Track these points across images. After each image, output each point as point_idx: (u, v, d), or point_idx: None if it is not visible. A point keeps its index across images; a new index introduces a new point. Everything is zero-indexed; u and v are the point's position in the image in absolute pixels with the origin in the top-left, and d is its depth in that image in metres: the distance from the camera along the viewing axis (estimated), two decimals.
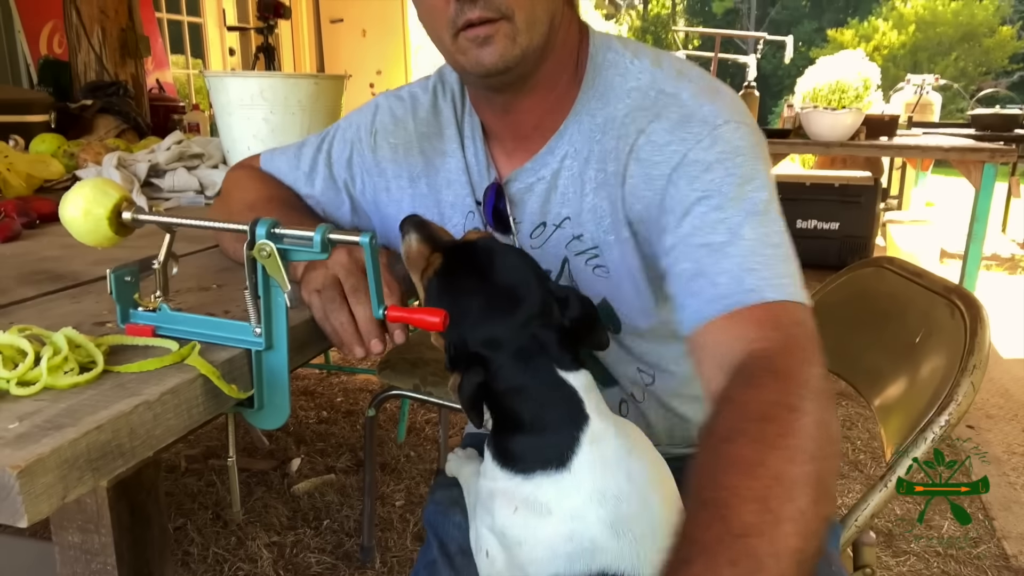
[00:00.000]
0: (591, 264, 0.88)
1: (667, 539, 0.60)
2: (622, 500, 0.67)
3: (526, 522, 0.68)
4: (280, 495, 2.21)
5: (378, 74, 6.72)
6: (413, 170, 0.97)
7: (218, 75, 1.62)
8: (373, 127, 0.99)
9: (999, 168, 2.99)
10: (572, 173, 0.87)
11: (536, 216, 0.90)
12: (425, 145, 0.96)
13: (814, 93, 10.19)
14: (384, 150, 0.98)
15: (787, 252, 0.74)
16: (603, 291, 0.89)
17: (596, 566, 0.66)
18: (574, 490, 0.67)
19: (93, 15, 2.90)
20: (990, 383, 3.14)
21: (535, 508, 0.68)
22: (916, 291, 1.14)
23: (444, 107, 0.97)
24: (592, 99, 0.86)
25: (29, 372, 0.58)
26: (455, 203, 0.95)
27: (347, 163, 1.01)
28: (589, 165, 0.85)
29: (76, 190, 0.71)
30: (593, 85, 0.86)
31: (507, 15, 0.76)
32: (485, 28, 0.76)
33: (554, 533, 0.67)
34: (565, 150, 0.87)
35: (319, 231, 0.66)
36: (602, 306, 0.89)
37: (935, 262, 4.76)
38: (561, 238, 0.89)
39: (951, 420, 0.91)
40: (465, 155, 0.94)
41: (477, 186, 0.94)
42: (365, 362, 3.27)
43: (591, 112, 0.86)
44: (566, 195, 0.87)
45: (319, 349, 0.82)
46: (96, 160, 1.73)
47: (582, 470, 0.67)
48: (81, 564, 0.70)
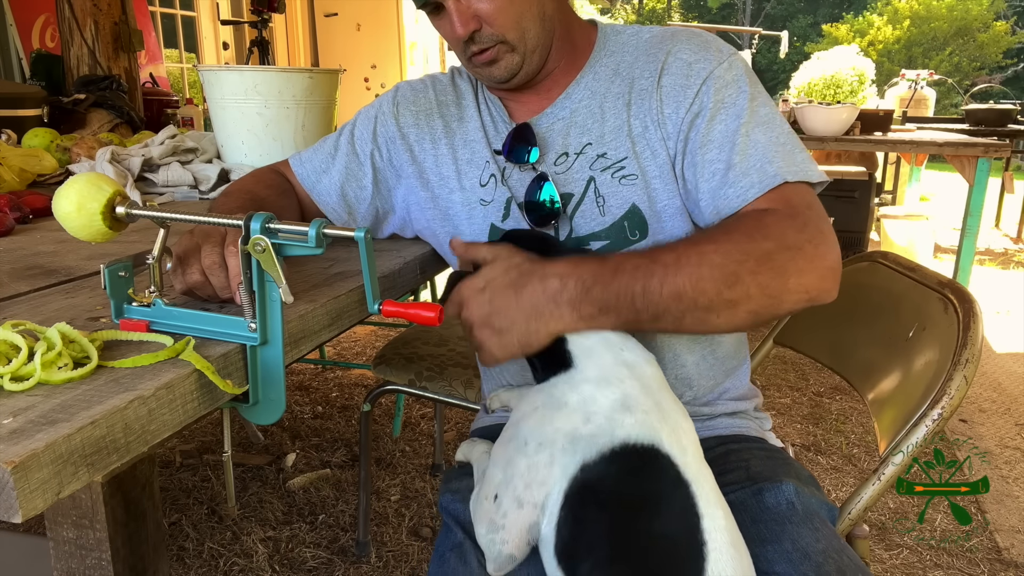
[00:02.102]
0: (618, 176, 0.99)
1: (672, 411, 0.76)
2: (624, 381, 0.76)
3: (544, 417, 0.75)
4: (275, 490, 2.21)
5: (373, 68, 6.70)
6: (435, 132, 1.09)
7: (212, 69, 1.62)
8: (395, 100, 1.12)
9: (993, 163, 3.00)
10: (589, 109, 1.01)
11: (559, 147, 1.02)
12: (445, 111, 1.10)
13: (809, 88, 10.21)
14: (406, 116, 1.10)
15: (795, 145, 0.93)
16: (632, 197, 0.98)
17: (617, 440, 0.71)
18: (583, 380, 0.77)
19: (86, 8, 2.88)
20: (983, 377, 3.15)
21: (551, 404, 0.76)
22: (910, 286, 1.14)
23: (461, 83, 1.12)
24: (604, 56, 1.03)
25: (23, 368, 0.58)
26: (471, 159, 1.06)
27: (372, 135, 1.11)
28: (606, 99, 1.01)
29: (69, 185, 0.70)
30: (604, 46, 1.04)
31: (500, 39, 0.95)
32: (487, 54, 0.96)
33: (570, 418, 0.73)
34: (581, 93, 1.02)
35: (314, 226, 0.65)
36: (631, 212, 0.98)
37: (929, 257, 4.77)
38: (584, 162, 1.00)
39: (944, 414, 0.91)
40: (482, 118, 1.07)
41: (494, 140, 1.06)
42: (361, 357, 3.27)
43: (604, 64, 1.03)
44: (585, 126, 1.01)
45: (314, 344, 0.81)
46: (89, 155, 1.72)
47: (585, 362, 0.78)
48: (76, 559, 0.70)
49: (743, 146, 0.91)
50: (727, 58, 0.97)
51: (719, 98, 0.94)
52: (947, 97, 13.13)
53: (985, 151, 2.95)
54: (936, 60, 17.55)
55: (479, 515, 0.78)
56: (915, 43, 18.56)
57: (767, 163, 0.90)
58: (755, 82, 0.97)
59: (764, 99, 0.96)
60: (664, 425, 0.73)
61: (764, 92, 0.98)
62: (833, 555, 0.81)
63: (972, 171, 2.96)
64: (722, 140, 0.93)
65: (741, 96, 0.95)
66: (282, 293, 0.66)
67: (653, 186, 0.98)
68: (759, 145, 0.91)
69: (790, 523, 0.86)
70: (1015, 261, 5.43)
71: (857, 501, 0.97)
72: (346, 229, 0.67)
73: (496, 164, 1.04)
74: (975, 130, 4.79)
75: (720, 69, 0.96)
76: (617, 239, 0.99)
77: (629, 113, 0.99)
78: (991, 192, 3.41)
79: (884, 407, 1.08)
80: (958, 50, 18.35)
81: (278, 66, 4.99)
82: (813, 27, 21.83)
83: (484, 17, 0.93)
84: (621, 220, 0.98)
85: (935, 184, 8.29)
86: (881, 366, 1.14)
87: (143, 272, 0.71)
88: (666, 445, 0.72)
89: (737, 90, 0.95)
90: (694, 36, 1.00)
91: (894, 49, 18.49)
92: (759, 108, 0.94)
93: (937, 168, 8.85)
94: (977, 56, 18.38)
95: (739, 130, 0.92)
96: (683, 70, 0.97)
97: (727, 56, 0.98)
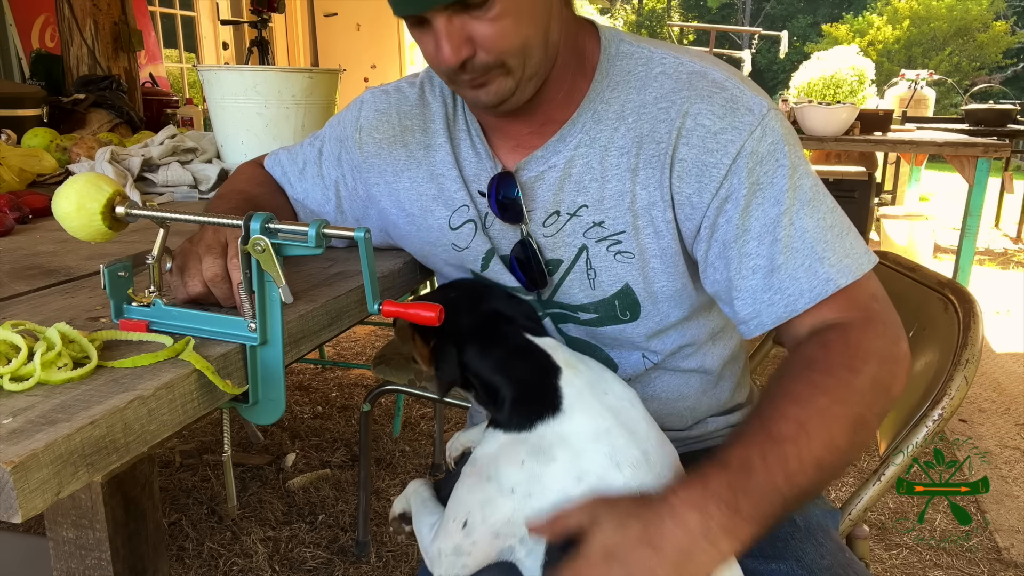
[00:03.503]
0: (613, 250, 0.87)
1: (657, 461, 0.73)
2: (611, 431, 0.73)
3: (533, 471, 0.72)
4: (275, 490, 2.21)
5: (373, 68, 6.70)
6: (397, 164, 0.96)
7: (212, 69, 1.62)
8: (358, 123, 0.99)
9: (992, 163, 3.00)
10: (587, 161, 0.86)
11: (549, 205, 0.88)
12: (408, 138, 0.95)
13: (808, 88, 10.20)
14: (369, 146, 0.98)
15: (843, 225, 0.82)
16: (625, 276, 0.88)
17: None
18: (572, 432, 0.73)
19: (85, 8, 2.88)
20: (983, 377, 3.15)
21: (541, 456, 0.72)
22: (910, 286, 1.14)
23: (432, 101, 0.95)
24: (606, 89, 0.85)
25: (22, 368, 0.58)
26: (438, 196, 0.93)
27: (337, 161, 1.02)
28: (608, 152, 0.85)
29: (69, 185, 0.70)
30: (607, 75, 0.86)
31: (498, 65, 0.77)
32: (477, 80, 0.78)
33: (563, 477, 0.71)
34: (578, 138, 0.86)
35: (314, 226, 0.65)
36: (624, 291, 0.88)
37: (929, 257, 4.77)
38: (578, 226, 0.87)
39: (944, 414, 0.91)
40: (455, 150, 0.93)
41: (472, 180, 0.92)
42: (361, 357, 3.27)
43: (606, 100, 0.85)
44: (582, 183, 0.86)
45: (314, 344, 0.81)
46: (89, 154, 1.72)
47: (574, 411, 0.74)
48: (76, 560, 0.70)
49: (786, 240, 0.79)
50: (759, 122, 0.80)
51: (754, 179, 0.79)
52: (947, 97, 13.13)
53: (985, 151, 2.95)
54: (936, 60, 17.54)
55: (443, 535, 0.78)
56: (915, 43, 18.56)
57: (817, 262, 0.78)
58: (794, 146, 0.82)
59: (805, 168, 0.82)
60: (651, 475, 0.73)
61: (803, 156, 0.83)
62: (839, 571, 0.81)
63: (972, 171, 2.96)
64: (761, 232, 0.80)
65: (780, 173, 0.80)
66: (282, 293, 0.66)
67: (651, 266, 0.87)
68: (806, 236, 0.79)
69: (793, 539, 0.85)
70: (1015, 261, 5.43)
71: (857, 501, 0.97)
72: (346, 229, 0.67)
73: (476, 209, 0.91)
74: (975, 130, 4.79)
75: (752, 141, 0.79)
76: (606, 315, 0.91)
77: (635, 181, 0.84)
78: (991, 192, 3.41)
79: None
80: (958, 50, 18.35)
81: (278, 66, 4.99)
82: (813, 27, 21.83)
83: (480, 42, 0.75)
84: (612, 298, 0.89)
85: (935, 184, 8.29)
86: None
87: (143, 272, 0.71)
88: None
89: (775, 165, 0.80)
90: (716, 91, 0.81)
91: (894, 49, 18.49)
92: (801, 182, 0.80)
93: (937, 168, 8.85)
94: (977, 56, 18.37)
95: (780, 219, 0.79)
96: (706, 142, 0.80)
97: (759, 119, 0.80)
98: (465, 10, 0.73)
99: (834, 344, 0.76)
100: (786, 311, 0.80)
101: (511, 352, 0.81)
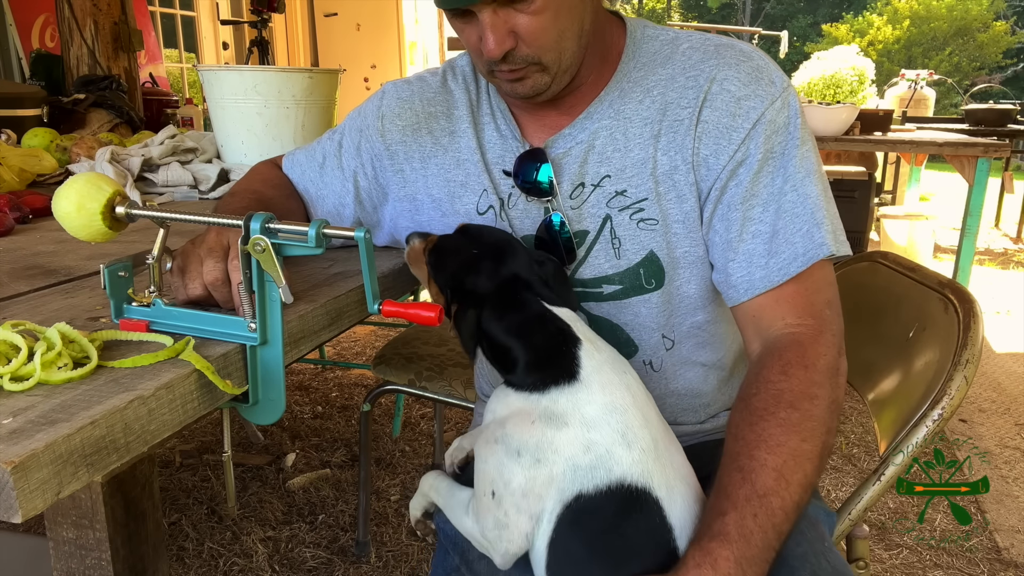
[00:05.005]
0: (636, 218, 0.90)
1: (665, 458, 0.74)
2: (628, 410, 0.74)
3: (543, 434, 0.72)
4: (275, 490, 2.21)
5: (372, 68, 6.70)
6: (424, 150, 0.98)
7: (212, 69, 1.62)
8: (380, 112, 1.01)
9: (992, 163, 3.00)
10: (611, 133, 0.90)
11: (575, 177, 0.91)
12: (433, 125, 0.98)
13: (808, 88, 10.20)
14: (393, 134, 1.00)
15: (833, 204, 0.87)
16: (650, 244, 0.90)
17: (614, 477, 0.70)
18: (587, 401, 0.73)
19: (85, 8, 2.88)
20: (983, 377, 3.15)
21: (552, 420, 0.73)
22: (910, 286, 1.14)
23: (455, 88, 0.99)
24: (633, 69, 0.91)
25: (22, 368, 0.58)
26: (466, 182, 0.96)
27: (356, 151, 1.03)
28: (632, 123, 0.89)
29: (69, 185, 0.70)
30: (634, 56, 0.91)
31: (535, 62, 0.82)
32: (516, 72, 0.83)
33: (572, 444, 0.71)
34: (604, 114, 0.90)
35: (313, 226, 0.65)
36: (649, 259, 0.90)
37: (929, 257, 4.77)
38: (601, 197, 0.90)
39: (944, 414, 0.91)
40: (479, 135, 0.96)
41: (496, 162, 0.95)
42: (361, 357, 3.27)
43: (632, 79, 0.90)
44: (604, 154, 0.90)
45: (314, 344, 0.81)
46: (89, 154, 1.72)
47: (592, 382, 0.74)
48: (76, 559, 0.70)
49: (790, 207, 0.85)
50: (780, 94, 0.86)
51: (768, 147, 0.85)
52: (947, 97, 13.13)
53: (985, 151, 2.95)
54: (936, 60, 17.54)
55: (481, 512, 0.77)
56: (915, 43, 18.56)
57: (815, 227, 0.84)
58: (805, 124, 0.88)
59: (812, 145, 0.88)
60: (657, 464, 0.73)
61: (812, 135, 0.89)
62: (811, 559, 0.80)
63: (972, 171, 2.96)
64: (767, 199, 0.85)
65: (791, 144, 0.85)
66: (282, 293, 0.66)
67: (674, 231, 0.89)
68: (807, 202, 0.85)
69: None
70: (1015, 261, 5.43)
71: (857, 501, 0.97)
72: (346, 229, 0.67)
73: (496, 192, 0.95)
74: (975, 130, 4.78)
75: (772, 111, 0.85)
76: (632, 285, 0.92)
77: (656, 147, 0.88)
78: (991, 192, 3.41)
79: (884, 407, 1.08)
80: (958, 50, 18.35)
81: (278, 66, 4.99)
82: (813, 27, 21.82)
83: (522, 35, 0.80)
84: (637, 267, 0.91)
85: (935, 184, 8.29)
86: (881, 366, 1.14)
87: (143, 272, 0.71)
88: (656, 489, 0.72)
89: (788, 137, 0.85)
90: (743, 60, 0.87)
91: (894, 49, 18.49)
92: (808, 156, 0.86)
93: (937, 168, 8.85)
94: (977, 56, 18.37)
95: (785, 188, 0.85)
96: (730, 106, 0.85)
97: (781, 91, 0.86)
98: (510, 3, 0.79)
99: (793, 368, 0.80)
100: (780, 275, 0.84)
101: (529, 319, 0.79)
